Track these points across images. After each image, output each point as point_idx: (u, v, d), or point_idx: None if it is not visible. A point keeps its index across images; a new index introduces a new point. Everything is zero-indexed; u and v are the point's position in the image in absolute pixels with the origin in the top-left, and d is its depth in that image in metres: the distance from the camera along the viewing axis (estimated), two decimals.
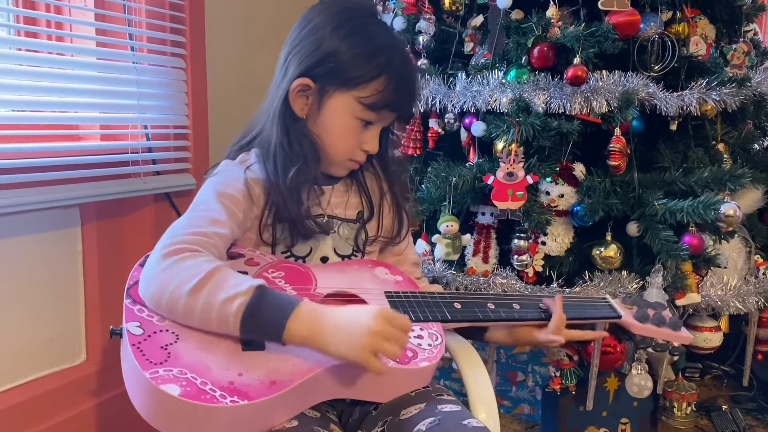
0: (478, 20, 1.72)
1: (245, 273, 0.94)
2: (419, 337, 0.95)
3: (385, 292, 1.01)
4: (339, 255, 1.09)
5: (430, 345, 0.94)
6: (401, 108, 1.06)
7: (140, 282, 0.88)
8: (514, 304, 1.11)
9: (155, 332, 0.83)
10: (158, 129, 1.65)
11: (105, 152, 1.52)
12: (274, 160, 1.02)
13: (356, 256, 1.11)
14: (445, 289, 1.33)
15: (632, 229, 1.53)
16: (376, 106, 1.02)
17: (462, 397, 1.06)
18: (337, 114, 1.03)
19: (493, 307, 1.08)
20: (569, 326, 1.11)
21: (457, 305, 1.05)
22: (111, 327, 0.88)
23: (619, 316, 1.17)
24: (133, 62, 1.56)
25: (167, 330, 0.84)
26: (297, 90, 1.02)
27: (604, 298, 1.22)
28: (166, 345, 0.82)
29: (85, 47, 1.53)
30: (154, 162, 1.63)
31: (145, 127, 1.60)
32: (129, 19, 1.55)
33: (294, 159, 1.02)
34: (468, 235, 1.58)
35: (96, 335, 1.59)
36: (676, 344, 1.20)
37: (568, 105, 1.50)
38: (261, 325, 0.84)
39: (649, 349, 1.37)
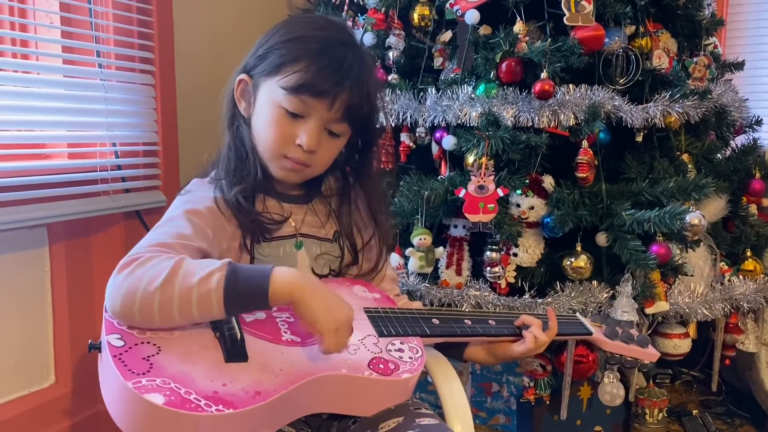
0: (446, 36, 1.75)
1: None
2: (400, 350, 0.95)
3: (364, 308, 1.01)
4: (316, 275, 1.07)
5: (411, 358, 0.94)
6: (324, 92, 0.96)
7: (106, 299, 0.85)
8: (489, 321, 1.12)
9: (136, 344, 0.82)
10: (127, 146, 1.63)
11: (73, 171, 1.50)
12: (222, 161, 1.04)
13: (332, 275, 1.10)
14: (423, 305, 1.34)
15: (601, 239, 1.55)
16: (295, 88, 0.96)
17: (437, 409, 1.07)
18: (264, 103, 1.01)
19: (469, 323, 1.09)
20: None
21: (436, 321, 1.05)
22: (90, 341, 0.86)
23: (590, 333, 1.20)
24: (101, 79, 1.54)
25: (149, 342, 0.83)
26: (239, 88, 1.04)
27: (575, 316, 1.24)
28: (148, 356, 0.81)
29: (51, 65, 1.51)
30: (123, 180, 1.61)
31: (114, 145, 1.58)
32: (96, 36, 1.54)
33: (236, 158, 1.02)
34: (441, 248, 1.59)
35: (65, 357, 1.55)
36: (645, 361, 1.22)
37: (537, 118, 1.52)
38: (244, 291, 0.83)
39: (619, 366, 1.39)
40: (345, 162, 1.13)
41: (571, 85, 1.57)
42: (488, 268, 1.53)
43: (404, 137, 1.72)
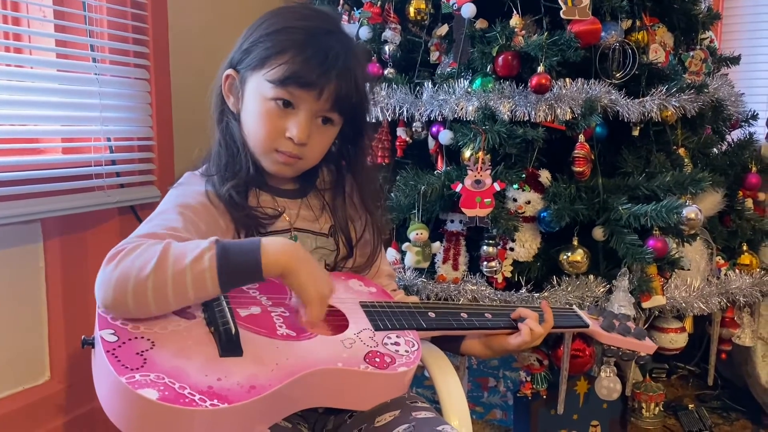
0: (443, 29, 1.74)
1: None
2: (396, 344, 0.95)
3: (360, 302, 1.01)
4: None
5: (407, 351, 0.94)
6: (311, 83, 0.96)
7: (97, 293, 0.84)
8: (486, 314, 1.12)
9: (130, 339, 0.82)
10: (122, 141, 1.62)
11: (67, 165, 1.49)
12: (213, 157, 1.03)
13: (327, 269, 1.10)
14: (419, 300, 1.34)
15: (598, 233, 1.55)
16: (281, 81, 0.96)
17: (434, 404, 1.06)
18: (252, 98, 1.00)
19: (466, 316, 1.09)
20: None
21: (432, 314, 1.05)
22: (83, 337, 0.85)
23: (587, 326, 1.19)
24: (95, 74, 1.53)
25: (142, 337, 0.82)
26: (226, 83, 1.04)
27: (572, 309, 1.24)
28: (142, 351, 0.80)
29: (45, 59, 1.50)
30: (118, 174, 1.60)
31: (109, 140, 1.58)
32: (90, 30, 1.53)
33: (227, 154, 1.02)
34: (438, 243, 1.59)
35: (60, 353, 1.55)
36: (642, 354, 1.23)
37: (533, 112, 1.52)
38: (238, 266, 0.83)
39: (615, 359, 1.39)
40: (338, 155, 1.12)
41: (567, 79, 1.57)
42: (485, 263, 1.53)
43: (400, 132, 1.71)
